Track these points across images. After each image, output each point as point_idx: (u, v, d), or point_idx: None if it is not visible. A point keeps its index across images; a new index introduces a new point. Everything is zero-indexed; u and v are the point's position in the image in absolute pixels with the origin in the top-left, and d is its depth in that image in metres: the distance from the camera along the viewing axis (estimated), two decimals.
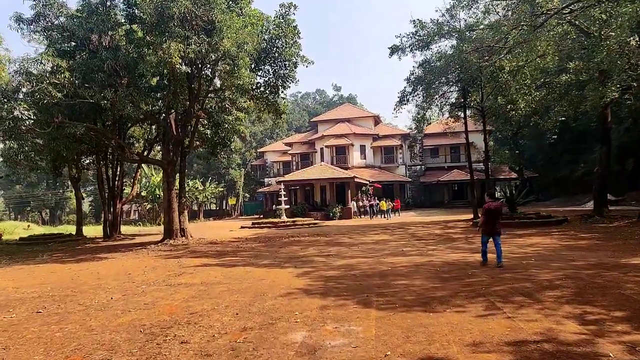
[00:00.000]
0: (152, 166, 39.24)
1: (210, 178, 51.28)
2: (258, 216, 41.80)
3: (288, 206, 29.22)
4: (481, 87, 21.16)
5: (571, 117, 20.64)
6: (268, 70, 17.92)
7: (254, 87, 18.09)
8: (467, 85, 21.00)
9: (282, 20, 16.99)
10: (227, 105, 18.99)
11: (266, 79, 18.07)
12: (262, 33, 16.64)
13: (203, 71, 17.01)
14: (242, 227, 25.91)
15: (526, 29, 13.24)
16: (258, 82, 18.13)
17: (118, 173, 23.28)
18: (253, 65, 16.87)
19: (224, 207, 60.70)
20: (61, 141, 15.57)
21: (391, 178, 39.56)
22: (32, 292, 7.96)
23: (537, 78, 18.38)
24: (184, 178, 19.44)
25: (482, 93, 21.28)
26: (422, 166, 42.63)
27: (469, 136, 24.90)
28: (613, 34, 12.18)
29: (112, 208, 23.05)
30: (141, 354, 4.27)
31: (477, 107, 22.05)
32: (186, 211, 20.04)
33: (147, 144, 23.92)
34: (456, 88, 22.73)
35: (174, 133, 17.87)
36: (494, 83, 20.31)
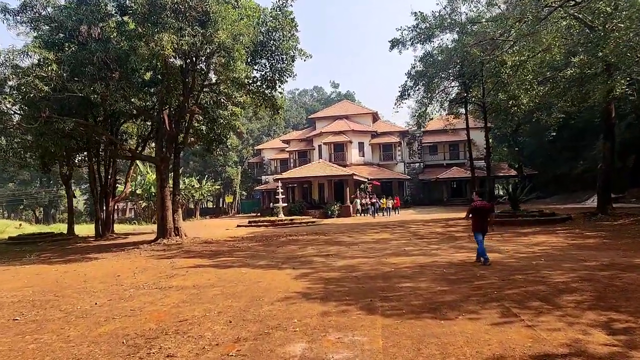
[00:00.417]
0: (148, 164, 38.59)
1: (206, 176, 50.66)
2: (255, 214, 41.31)
3: (286, 204, 28.71)
4: (482, 83, 20.76)
5: (574, 113, 20.28)
6: (265, 64, 17.39)
7: (251, 82, 17.61)
8: (469, 80, 20.57)
9: (279, 12, 16.48)
10: (223, 99, 18.46)
11: (263, 73, 17.55)
12: (259, 25, 16.12)
13: (197, 65, 16.47)
14: (239, 226, 25.39)
15: (531, 19, 12.79)
16: (254, 77, 17.61)
17: (111, 170, 22.71)
18: (249, 58, 16.34)
19: (221, 205, 60.18)
20: (49, 137, 15.02)
21: (390, 175, 39.15)
22: (13, 297, 7.46)
23: (540, 73, 18.00)
24: (178, 175, 18.89)
25: (484, 88, 20.87)
26: (421, 163, 42.19)
27: (469, 133, 24.50)
28: (622, 26, 11.77)
29: (105, 206, 22.51)
30: None
31: (479, 103, 21.62)
32: (180, 209, 19.51)
33: (141, 141, 23.35)
34: (457, 83, 22.29)
35: (168, 129, 17.35)
36: (496, 78, 19.92)
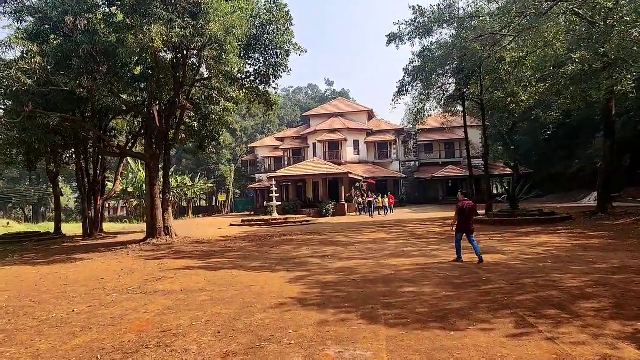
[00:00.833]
0: (140, 161, 37.78)
1: (199, 174, 49.89)
2: (249, 213, 40.73)
3: (279, 203, 28.16)
4: (480, 80, 20.41)
5: (574, 110, 20.03)
6: (259, 58, 16.83)
7: (244, 76, 17.07)
8: (467, 77, 20.20)
9: (274, 4, 15.95)
10: (215, 95, 17.88)
11: (256, 68, 17.00)
12: (253, 18, 15.58)
13: (189, 58, 15.87)
14: (232, 225, 24.83)
15: (534, 12, 12.42)
16: (248, 71, 17.06)
17: (99, 167, 22.02)
18: (242, 52, 15.80)
19: (214, 204, 59.42)
20: (33, 132, 14.35)
21: (385, 174, 38.79)
22: None
23: (540, 70, 17.70)
24: (169, 173, 18.28)
25: (482, 85, 20.53)
26: (416, 162, 41.86)
27: (466, 131, 24.13)
28: (628, 19, 11.44)
29: (94, 204, 21.83)
30: None
31: (476, 100, 21.28)
32: (171, 208, 18.92)
33: (131, 137, 22.66)
34: (455, 80, 21.93)
35: (158, 125, 16.76)
36: (494, 75, 19.58)
